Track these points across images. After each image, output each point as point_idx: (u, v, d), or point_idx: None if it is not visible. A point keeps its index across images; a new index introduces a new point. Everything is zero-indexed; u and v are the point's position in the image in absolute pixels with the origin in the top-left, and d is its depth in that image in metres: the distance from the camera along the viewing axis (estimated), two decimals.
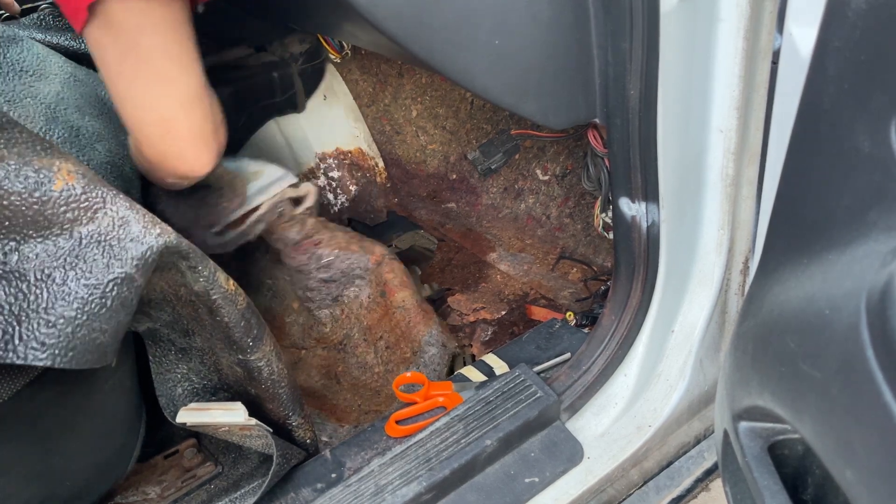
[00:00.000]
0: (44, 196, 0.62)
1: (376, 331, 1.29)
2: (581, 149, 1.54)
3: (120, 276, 0.65)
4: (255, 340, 0.83)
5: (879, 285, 0.47)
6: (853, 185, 0.54)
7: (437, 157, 1.74)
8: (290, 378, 0.90)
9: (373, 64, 1.70)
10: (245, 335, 0.82)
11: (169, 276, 0.76)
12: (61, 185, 0.63)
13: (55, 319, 0.61)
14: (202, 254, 0.75)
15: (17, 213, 0.61)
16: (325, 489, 0.90)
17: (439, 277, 1.55)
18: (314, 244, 1.23)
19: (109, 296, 0.64)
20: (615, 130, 0.91)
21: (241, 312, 0.80)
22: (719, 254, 0.99)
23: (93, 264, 0.64)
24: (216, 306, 0.78)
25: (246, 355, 0.84)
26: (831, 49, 0.53)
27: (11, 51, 0.93)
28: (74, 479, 0.83)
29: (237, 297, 0.80)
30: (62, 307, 0.62)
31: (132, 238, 0.66)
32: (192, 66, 0.80)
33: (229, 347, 0.84)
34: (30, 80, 0.91)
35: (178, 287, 0.78)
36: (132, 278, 0.66)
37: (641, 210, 0.96)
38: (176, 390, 0.91)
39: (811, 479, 0.63)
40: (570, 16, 0.83)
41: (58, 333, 0.61)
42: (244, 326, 0.81)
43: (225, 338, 0.83)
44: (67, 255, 0.63)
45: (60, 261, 0.63)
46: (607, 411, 1.03)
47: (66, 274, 0.63)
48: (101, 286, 0.64)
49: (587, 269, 1.48)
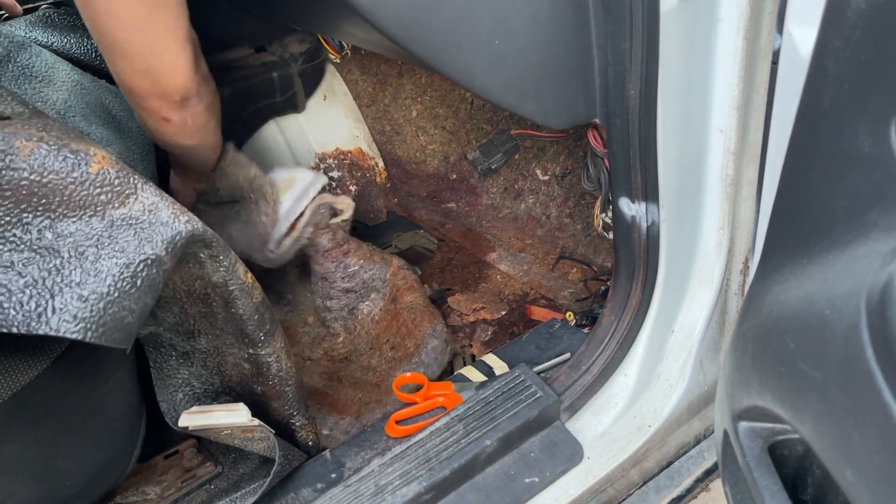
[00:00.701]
0: (81, 177, 0.65)
1: (383, 338, 1.31)
2: (581, 149, 1.54)
3: (151, 257, 0.67)
4: (268, 335, 0.85)
5: (879, 285, 0.47)
6: (853, 185, 0.54)
7: (437, 157, 1.74)
8: (297, 377, 0.91)
9: (373, 64, 1.70)
10: (258, 329, 0.83)
11: (185, 269, 0.77)
12: (97, 168, 0.66)
13: (88, 294, 0.63)
14: (225, 244, 0.77)
15: (53, 192, 0.63)
16: (325, 489, 0.90)
17: (439, 277, 1.55)
18: (343, 253, 1.27)
19: (140, 276, 0.66)
20: (615, 130, 0.91)
21: (255, 306, 0.82)
22: (719, 254, 0.99)
23: (125, 244, 0.66)
24: (232, 297, 0.80)
25: (257, 349, 0.85)
26: (831, 49, 0.53)
27: (21, 56, 0.94)
28: (74, 479, 0.83)
29: (253, 290, 0.81)
30: (94, 283, 0.64)
31: (163, 222, 0.69)
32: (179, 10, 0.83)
33: (240, 341, 0.85)
34: (39, 85, 0.92)
35: (193, 281, 0.79)
36: (162, 260, 0.68)
37: (641, 210, 0.96)
38: (177, 395, 0.92)
39: (811, 479, 0.63)
40: (570, 16, 0.83)
41: (90, 308, 0.63)
42: (258, 320, 0.83)
43: (237, 331, 0.84)
44: (100, 236, 0.66)
45: (93, 240, 0.65)
46: (607, 411, 1.03)
47: (98, 252, 0.65)
48: (132, 265, 0.66)
49: (587, 269, 1.48)
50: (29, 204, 0.62)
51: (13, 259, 0.61)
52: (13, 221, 0.62)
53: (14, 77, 0.91)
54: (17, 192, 0.61)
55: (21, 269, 0.61)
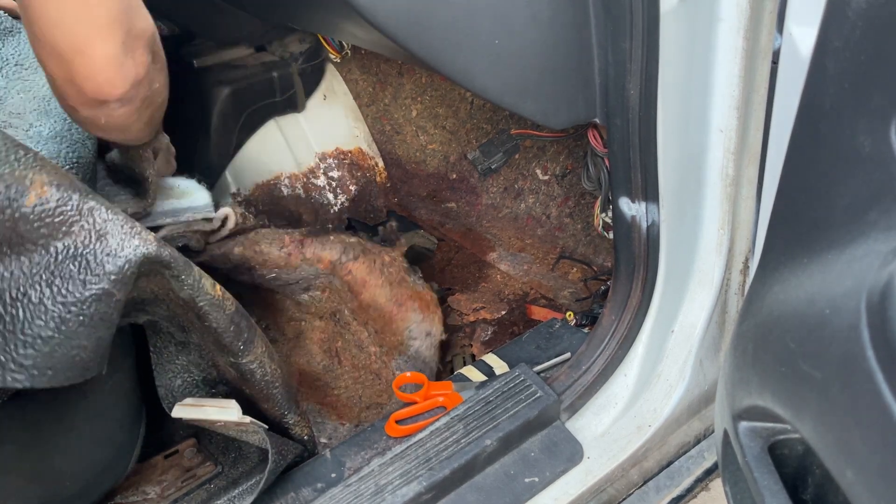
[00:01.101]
0: (15, 213, 0.59)
1: (361, 316, 1.27)
2: (581, 149, 1.54)
3: (97, 293, 0.63)
4: (246, 344, 0.82)
5: (879, 285, 0.47)
6: (853, 184, 0.54)
7: (437, 157, 1.74)
8: (283, 377, 0.89)
9: (373, 63, 1.70)
10: (235, 339, 0.81)
11: (156, 280, 0.74)
12: (34, 200, 0.60)
13: (32, 340, 0.60)
14: (186, 261, 0.73)
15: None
16: (325, 489, 0.90)
17: (439, 277, 1.55)
18: (249, 269, 1.17)
19: (87, 313, 0.62)
20: (615, 130, 0.90)
21: (229, 317, 0.79)
22: (719, 254, 0.99)
23: (69, 281, 0.62)
24: (203, 313, 0.76)
25: (238, 359, 0.83)
26: (831, 49, 0.53)
27: (8, 44, 0.93)
28: (74, 479, 0.83)
29: (224, 301, 0.78)
30: (39, 327, 0.60)
31: (108, 252, 0.64)
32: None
33: (221, 351, 0.84)
34: (25, 73, 0.90)
35: (168, 291, 0.77)
36: (110, 294, 0.64)
37: (641, 210, 0.96)
38: (175, 382, 0.91)
39: (811, 479, 0.63)
40: (571, 15, 0.83)
41: (35, 354, 0.59)
42: (234, 331, 0.80)
43: (215, 342, 0.82)
44: (43, 272, 0.61)
45: (36, 278, 0.61)
46: (607, 411, 1.03)
47: (41, 292, 0.61)
48: (78, 303, 0.62)
49: (587, 268, 1.48)
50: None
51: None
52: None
53: (2, 62, 0.89)
54: None
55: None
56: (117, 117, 0.76)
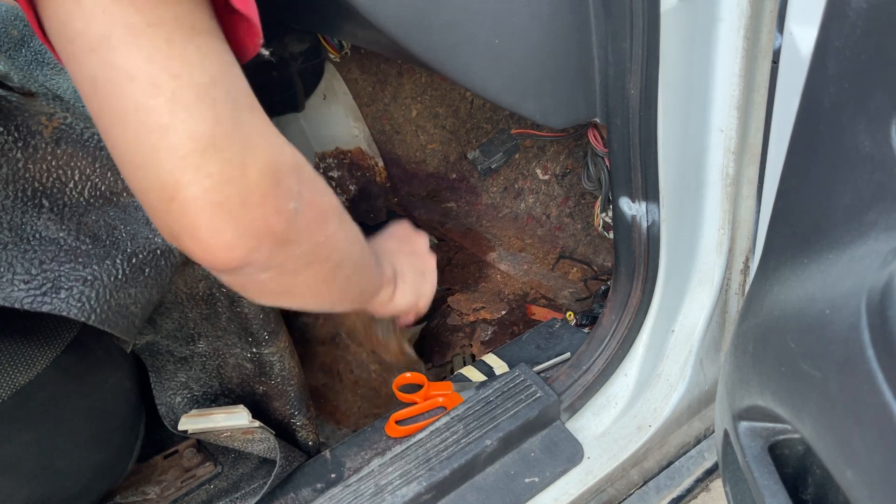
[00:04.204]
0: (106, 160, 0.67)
1: (357, 337, 1.30)
2: (581, 148, 1.54)
3: (161, 248, 0.69)
4: (272, 335, 0.86)
5: (879, 285, 0.47)
6: (853, 184, 0.54)
7: (437, 157, 1.74)
8: (300, 377, 0.91)
9: (372, 63, 1.70)
10: (263, 327, 0.85)
11: (189, 271, 0.78)
12: None
13: (94, 278, 0.64)
14: None
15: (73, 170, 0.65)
16: (325, 489, 0.90)
17: (439, 277, 1.55)
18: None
19: (149, 264, 0.68)
20: (615, 130, 0.90)
21: (261, 305, 0.83)
22: (719, 254, 0.99)
23: (136, 232, 0.68)
24: (238, 296, 0.80)
25: (261, 348, 0.86)
26: (831, 49, 0.53)
27: (35, 41, 0.93)
28: (74, 478, 0.83)
29: None
30: (103, 268, 0.65)
31: None
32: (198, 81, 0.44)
33: (244, 340, 0.86)
34: (50, 73, 0.91)
35: (197, 283, 0.80)
36: (172, 252, 0.70)
37: (641, 210, 0.96)
38: (175, 399, 0.92)
39: (811, 478, 0.63)
40: (570, 15, 0.83)
41: (95, 292, 0.64)
42: (263, 318, 0.84)
43: (242, 330, 0.85)
44: (113, 222, 0.67)
45: (106, 226, 0.67)
46: (607, 411, 1.03)
47: (108, 238, 0.66)
48: (141, 253, 0.67)
49: (587, 268, 1.48)
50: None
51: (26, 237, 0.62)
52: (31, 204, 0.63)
53: (27, 62, 0.90)
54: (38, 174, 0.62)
55: (31, 248, 0.63)
56: (265, 282, 0.53)
